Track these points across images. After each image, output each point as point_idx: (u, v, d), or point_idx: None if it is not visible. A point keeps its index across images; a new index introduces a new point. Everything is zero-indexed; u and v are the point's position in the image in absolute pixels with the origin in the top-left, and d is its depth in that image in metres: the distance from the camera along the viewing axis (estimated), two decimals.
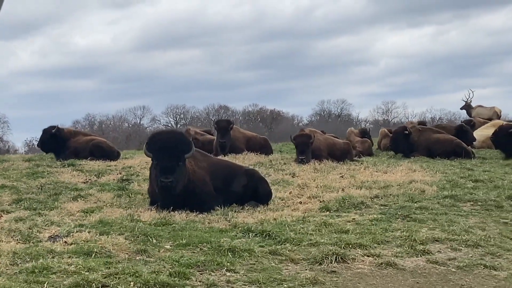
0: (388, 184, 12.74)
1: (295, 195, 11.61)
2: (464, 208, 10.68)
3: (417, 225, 8.98)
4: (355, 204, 10.55)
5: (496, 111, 37.90)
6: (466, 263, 7.11)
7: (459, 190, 12.21)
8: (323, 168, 15.32)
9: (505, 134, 19.81)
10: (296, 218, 9.30)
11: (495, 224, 9.55)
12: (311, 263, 6.90)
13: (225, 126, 17.94)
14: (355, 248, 7.48)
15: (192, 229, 8.32)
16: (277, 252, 7.22)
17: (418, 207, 10.34)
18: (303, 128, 18.38)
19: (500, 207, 10.75)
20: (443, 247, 7.87)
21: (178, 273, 6.20)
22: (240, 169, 10.74)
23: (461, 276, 6.73)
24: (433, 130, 20.86)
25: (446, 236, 8.28)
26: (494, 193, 11.89)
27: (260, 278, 6.21)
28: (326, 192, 11.77)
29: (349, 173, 14.56)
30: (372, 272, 6.73)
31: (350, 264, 6.94)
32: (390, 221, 9.29)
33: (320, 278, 6.32)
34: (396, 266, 6.89)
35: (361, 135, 21.95)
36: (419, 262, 7.13)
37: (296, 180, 13.31)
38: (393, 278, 6.57)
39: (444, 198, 11.28)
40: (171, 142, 9.46)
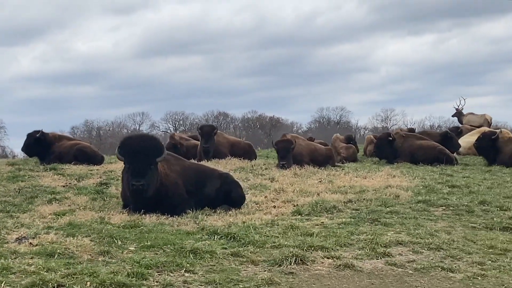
0: (364, 189, 12.86)
1: (271, 199, 11.72)
2: (435, 213, 10.80)
3: (383, 229, 9.10)
4: (327, 208, 10.65)
5: (486, 119, 38.10)
6: (424, 266, 7.23)
7: (434, 195, 12.33)
8: (303, 173, 15.44)
9: (487, 140, 19.98)
10: (265, 222, 9.40)
11: (463, 229, 9.67)
12: (271, 264, 7.00)
13: (208, 132, 18.06)
14: (317, 250, 7.59)
15: (159, 232, 8.42)
16: (239, 254, 7.32)
17: (389, 212, 10.45)
18: (285, 134, 18.51)
19: (471, 212, 10.87)
20: (405, 250, 7.98)
21: (136, 273, 6.29)
22: (213, 173, 10.86)
23: (417, 278, 6.84)
24: (417, 137, 21.02)
25: (410, 240, 8.40)
26: (468, 199, 12.01)
27: (217, 279, 6.31)
28: (302, 197, 11.88)
29: (328, 178, 14.67)
30: (330, 273, 6.84)
31: (309, 265, 7.04)
32: (358, 224, 9.40)
33: (276, 279, 6.42)
34: (354, 268, 7.00)
35: (347, 141, 22.08)
36: (377, 264, 7.24)
37: (274, 184, 13.43)
38: (349, 279, 6.68)
39: (417, 203, 11.41)
40: (143, 146, 9.57)
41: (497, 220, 10.20)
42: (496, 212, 10.99)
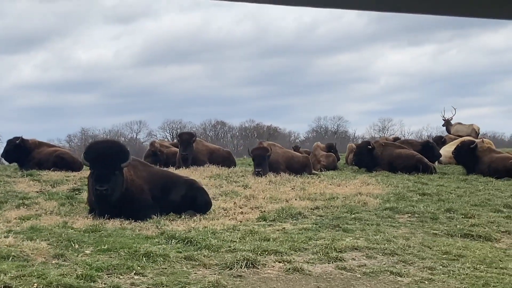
0: (334, 196, 12.99)
1: (239, 205, 11.84)
2: (399, 220, 10.95)
3: (343, 235, 9.23)
4: (293, 214, 10.78)
5: (474, 129, 38.28)
6: (373, 270, 7.36)
7: (402, 202, 12.47)
8: (278, 180, 15.56)
9: (466, 150, 20.13)
10: (227, 227, 9.52)
11: (423, 235, 9.81)
12: (222, 268, 7.12)
13: (187, 139, 18.17)
14: (270, 254, 7.71)
15: (119, 236, 8.53)
16: (192, 258, 7.44)
17: (353, 218, 10.59)
18: (262, 141, 18.62)
19: (435, 219, 11.02)
20: (359, 255, 8.11)
21: (85, 275, 6.41)
22: (179, 179, 10.98)
23: (364, 282, 6.97)
24: (396, 146, 21.15)
25: (366, 245, 8.53)
26: (435, 206, 12.17)
27: (165, 281, 6.43)
28: (270, 203, 12.01)
29: (302, 186, 14.80)
30: (278, 276, 6.96)
31: (260, 269, 7.16)
32: (319, 230, 9.53)
33: (223, 282, 6.53)
34: (303, 272, 7.13)
35: (327, 149, 22.20)
36: (328, 268, 7.37)
37: (246, 191, 13.54)
38: (296, 282, 6.80)
39: (383, 210, 11.55)
40: (108, 151, 9.69)
41: (459, 227, 10.34)
42: (460, 219, 11.14)
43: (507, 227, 10.76)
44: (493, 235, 10.09)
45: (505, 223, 11.08)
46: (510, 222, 11.22)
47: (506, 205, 12.82)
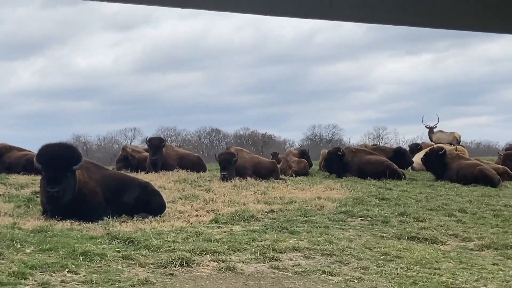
0: (293, 200, 13.19)
1: (196, 208, 12.00)
2: (351, 223, 11.14)
3: (287, 236, 9.42)
4: (246, 217, 10.95)
5: (455, 136, 38.59)
6: (306, 269, 7.54)
7: (359, 206, 12.67)
8: (243, 185, 15.74)
9: (435, 156, 20.37)
10: (175, 228, 9.68)
11: (370, 237, 10.01)
12: (157, 267, 7.28)
13: (156, 144, 18.34)
14: (208, 254, 7.88)
15: (63, 236, 8.67)
16: (129, 257, 7.59)
17: (304, 221, 10.78)
18: (229, 147, 18.81)
19: (386, 222, 11.23)
20: (298, 255, 8.29)
21: (17, 273, 6.56)
22: (133, 181, 11.14)
23: (294, 280, 7.15)
24: (366, 152, 21.39)
25: (307, 246, 8.71)
26: (390, 210, 12.38)
27: (95, 279, 6.59)
28: (228, 207, 12.17)
29: (266, 190, 14.98)
30: (210, 275, 7.13)
31: (194, 268, 7.33)
32: (265, 232, 9.70)
33: (152, 279, 6.70)
34: (235, 270, 7.30)
35: (300, 155, 22.41)
36: (261, 268, 7.55)
37: (207, 195, 13.69)
38: (226, 280, 6.97)
39: (338, 214, 11.75)
40: (60, 154, 9.84)
41: (408, 230, 10.55)
42: (411, 223, 11.35)
43: (455, 230, 10.97)
44: (440, 238, 10.29)
45: (455, 227, 11.30)
46: (460, 226, 11.44)
47: (461, 209, 13.05)
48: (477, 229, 11.23)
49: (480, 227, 11.49)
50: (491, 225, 11.74)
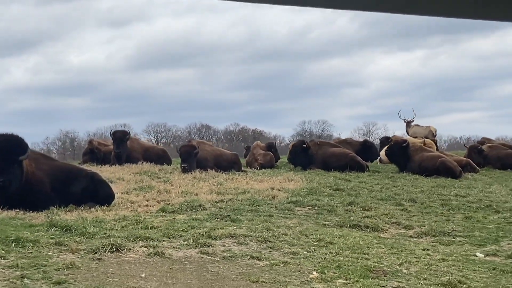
0: (247, 191, 13.40)
1: (148, 198, 12.17)
2: (298, 212, 11.39)
3: (227, 224, 9.64)
4: (193, 206, 11.14)
5: (431, 130, 38.98)
6: (234, 254, 7.77)
7: (310, 197, 12.91)
8: (203, 176, 15.93)
9: (398, 148, 20.68)
10: (118, 217, 9.85)
11: (312, 225, 10.25)
12: (88, 252, 7.45)
13: (120, 137, 18.49)
14: (141, 241, 8.07)
15: (4, 224, 8.82)
16: (62, 243, 7.75)
17: (250, 210, 11.02)
18: (191, 139, 19.00)
19: (332, 211, 11.48)
20: (232, 241, 8.51)
21: None
22: (81, 172, 11.30)
23: (220, 264, 7.36)
24: (331, 145, 21.68)
25: (243, 233, 8.92)
26: (339, 200, 12.64)
27: (21, 263, 6.75)
28: (180, 197, 12.36)
29: (224, 181, 15.17)
30: (137, 260, 7.32)
31: (123, 253, 7.51)
32: (207, 220, 9.91)
33: (78, 264, 6.88)
34: (163, 255, 7.50)
35: (267, 148, 22.63)
36: (190, 253, 7.75)
37: (163, 186, 13.86)
38: (151, 264, 7.17)
39: (287, 203, 11.99)
40: (5, 144, 9.97)
41: (352, 219, 10.83)
42: (357, 212, 11.62)
43: (399, 218, 11.25)
44: (381, 225, 10.57)
45: (399, 215, 11.58)
46: (404, 215, 11.72)
47: (411, 199, 13.34)
48: (421, 218, 11.52)
49: (424, 215, 11.78)
50: (436, 213, 12.03)
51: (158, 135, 74.73)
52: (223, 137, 76.85)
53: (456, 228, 10.55)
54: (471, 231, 10.42)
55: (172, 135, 75.15)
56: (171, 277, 6.70)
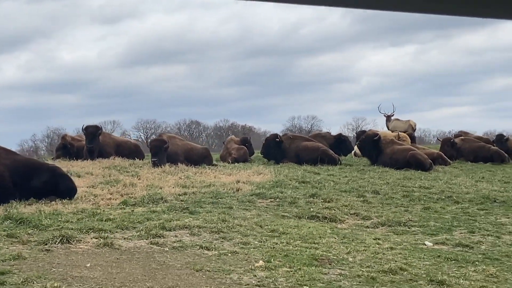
0: (212, 184, 13.52)
1: (113, 192, 12.25)
2: (259, 204, 11.54)
3: (184, 216, 9.78)
4: (155, 199, 11.24)
5: (411, 124, 39.32)
6: (184, 245, 7.91)
7: (275, 189, 13.06)
8: (172, 170, 16.03)
9: (369, 141, 20.89)
10: (77, 210, 9.94)
11: (271, 217, 10.42)
12: (38, 244, 7.56)
13: (92, 132, 18.54)
14: (93, 232, 8.19)
15: None
16: (14, 235, 7.86)
17: (211, 202, 11.17)
18: (162, 134, 19.10)
19: (293, 203, 11.64)
20: (185, 232, 8.65)
21: None
22: (42, 166, 11.38)
23: (168, 254, 7.49)
24: (304, 138, 21.87)
25: (199, 224, 9.06)
26: (303, 192, 12.80)
27: None
28: (144, 191, 12.45)
29: (192, 175, 15.28)
30: (86, 250, 7.44)
31: (73, 245, 7.63)
32: (166, 213, 10.04)
33: (25, 255, 6.99)
34: (113, 246, 7.62)
35: (241, 143, 22.75)
36: (140, 244, 7.88)
37: (130, 180, 13.94)
38: (99, 255, 7.29)
39: (250, 196, 12.14)
40: None
41: (311, 210, 11.00)
42: (318, 203, 11.78)
43: (358, 209, 11.43)
44: (339, 216, 10.74)
45: (359, 206, 11.76)
46: (365, 206, 11.91)
47: (374, 191, 13.53)
48: (380, 209, 11.70)
49: (384, 206, 11.97)
50: (396, 204, 12.23)
51: (148, 132, 74.62)
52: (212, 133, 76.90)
53: (413, 219, 10.75)
54: (427, 221, 10.62)
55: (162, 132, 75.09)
56: (116, 267, 6.82)
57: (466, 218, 10.96)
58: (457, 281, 6.91)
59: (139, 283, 6.28)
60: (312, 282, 6.58)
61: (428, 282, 6.84)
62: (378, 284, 6.67)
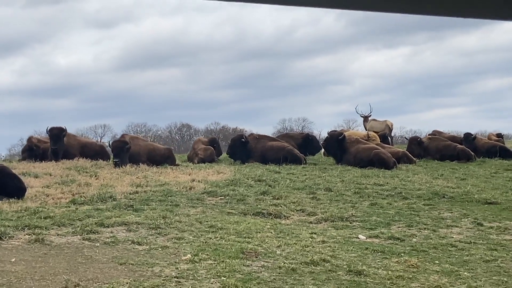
0: (168, 183, 13.66)
1: (66, 191, 12.35)
2: (208, 201, 11.71)
3: (127, 213, 9.93)
4: (104, 198, 11.38)
5: (388, 125, 39.55)
6: (116, 240, 8.08)
7: (228, 187, 13.23)
8: (132, 171, 16.14)
9: (334, 141, 21.09)
10: (21, 208, 10.06)
11: (216, 213, 10.59)
12: None
13: (57, 134, 18.60)
14: (29, 229, 8.33)
15: None
16: None
17: (159, 200, 11.34)
18: (124, 135, 19.22)
19: (242, 200, 11.81)
20: (121, 229, 8.85)
21: None
22: None
23: (97, 249, 7.67)
24: (270, 138, 22.05)
25: (139, 221, 9.24)
26: (254, 190, 12.97)
27: None
28: (99, 190, 12.56)
29: (152, 175, 15.40)
30: (16, 246, 7.60)
31: (5, 241, 7.81)
32: (109, 210, 10.20)
33: None
34: (44, 242, 7.78)
35: (210, 143, 22.90)
36: (73, 239, 8.05)
37: (86, 180, 14.05)
38: (29, 250, 7.45)
39: (201, 194, 12.31)
40: None
41: (258, 207, 11.18)
42: (267, 200, 11.96)
43: (305, 206, 11.62)
44: (285, 213, 10.92)
45: (308, 203, 11.95)
46: (313, 203, 12.09)
47: (327, 188, 13.71)
48: (327, 205, 11.88)
49: (332, 203, 12.15)
50: (345, 201, 12.41)
51: (138, 135, 74.60)
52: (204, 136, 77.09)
53: (356, 214, 10.95)
54: (370, 216, 10.83)
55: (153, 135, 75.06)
56: (41, 261, 6.97)
57: (409, 213, 11.17)
58: (375, 271, 7.12)
59: (58, 276, 6.43)
60: (232, 274, 6.76)
61: (347, 272, 7.05)
62: (297, 275, 6.87)
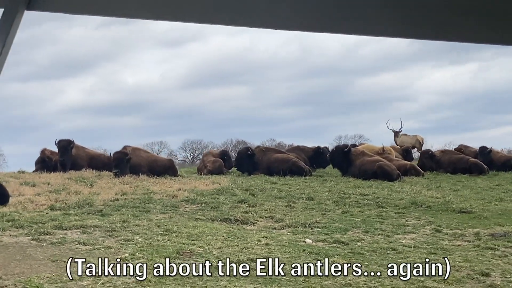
0: (155, 192, 14.11)
1: (52, 199, 12.91)
2: (183, 208, 12.13)
3: (93, 217, 10.40)
4: (83, 204, 11.90)
5: (418, 139, 39.34)
6: (63, 241, 8.56)
7: (210, 196, 13.59)
8: (131, 181, 16.66)
9: (340, 153, 21.23)
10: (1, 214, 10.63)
11: (183, 219, 10.99)
12: None
13: (64, 146, 19.34)
14: None
15: None
16: None
17: (133, 206, 11.81)
18: (126, 146, 19.78)
19: (216, 208, 12.18)
20: (78, 231, 9.33)
21: None
22: None
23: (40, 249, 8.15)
24: (276, 151, 22.36)
25: (97, 224, 9.69)
26: (235, 199, 13.29)
27: None
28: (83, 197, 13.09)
29: (148, 184, 15.87)
30: None
31: None
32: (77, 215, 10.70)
33: None
34: None
35: (220, 156, 23.32)
36: (23, 240, 8.58)
37: (79, 188, 14.62)
38: None
39: (181, 202, 12.73)
40: None
41: (228, 213, 11.50)
42: (241, 208, 12.26)
43: (276, 213, 11.88)
44: (252, 219, 11.22)
45: (280, 211, 12.21)
46: (286, 210, 12.33)
47: (308, 197, 13.93)
48: (299, 213, 12.11)
49: (305, 211, 12.37)
50: (319, 209, 12.61)
51: (194, 152, 75.70)
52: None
53: (321, 221, 11.15)
54: (333, 223, 11.03)
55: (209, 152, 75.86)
56: None
57: (374, 221, 11.31)
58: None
59: None
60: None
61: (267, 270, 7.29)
62: (217, 272, 7.17)
